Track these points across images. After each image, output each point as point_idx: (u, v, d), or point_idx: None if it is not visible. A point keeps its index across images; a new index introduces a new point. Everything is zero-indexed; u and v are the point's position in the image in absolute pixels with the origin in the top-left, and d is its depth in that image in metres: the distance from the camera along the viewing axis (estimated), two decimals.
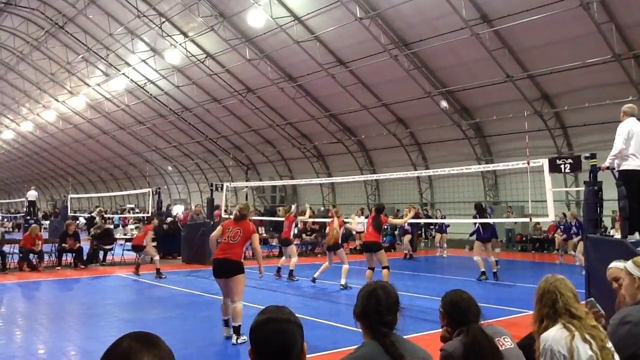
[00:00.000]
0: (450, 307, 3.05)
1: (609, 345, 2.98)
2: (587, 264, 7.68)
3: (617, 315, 3.48)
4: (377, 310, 2.55)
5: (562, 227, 17.92)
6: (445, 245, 20.95)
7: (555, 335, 2.97)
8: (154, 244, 15.73)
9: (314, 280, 12.73)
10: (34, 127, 47.61)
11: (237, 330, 7.23)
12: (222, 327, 7.54)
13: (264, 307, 2.07)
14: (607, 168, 7.83)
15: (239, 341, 7.14)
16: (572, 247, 16.23)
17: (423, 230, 24.69)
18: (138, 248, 14.94)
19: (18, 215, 41.28)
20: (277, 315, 2.00)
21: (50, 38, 33.55)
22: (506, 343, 2.95)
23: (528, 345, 3.50)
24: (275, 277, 13.83)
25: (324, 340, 6.92)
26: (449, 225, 21.31)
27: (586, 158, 8.59)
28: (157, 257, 14.50)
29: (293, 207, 16.03)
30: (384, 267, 11.04)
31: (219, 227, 7.87)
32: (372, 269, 11.22)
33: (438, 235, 21.45)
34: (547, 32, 18.11)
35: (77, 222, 20.81)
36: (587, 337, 2.93)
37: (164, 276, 13.76)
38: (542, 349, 2.99)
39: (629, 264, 3.69)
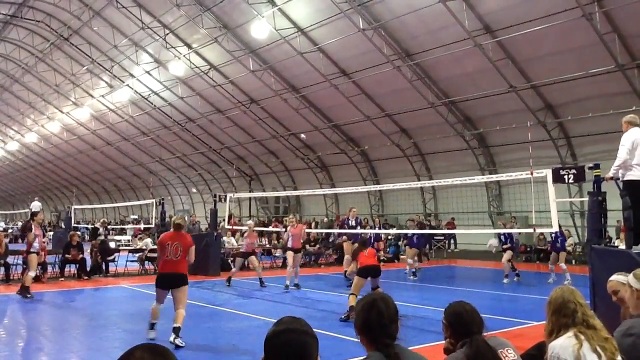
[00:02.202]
0: (453, 318, 3.03)
1: (619, 358, 2.97)
2: (592, 274, 7.64)
3: (621, 327, 3.47)
4: (379, 323, 2.51)
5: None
6: (415, 259, 17.70)
7: (563, 343, 2.97)
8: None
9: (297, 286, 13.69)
10: (39, 139, 47.82)
11: (176, 331, 7.71)
12: (148, 329, 7.95)
13: (279, 318, 2.06)
14: (611, 178, 7.80)
15: (177, 342, 7.56)
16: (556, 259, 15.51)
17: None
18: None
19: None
20: (295, 327, 1.99)
21: (55, 50, 33.77)
22: (509, 355, 2.93)
23: (533, 356, 3.48)
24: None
25: (329, 351, 6.90)
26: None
27: (590, 168, 8.57)
28: (31, 273, 12.45)
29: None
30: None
31: (158, 246, 8.44)
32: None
33: (409, 250, 17.99)
34: (550, 42, 18.15)
35: (79, 232, 20.79)
36: (598, 348, 2.92)
37: (29, 295, 11.87)
38: (550, 356, 2.99)
39: (630, 278, 3.69)
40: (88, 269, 16.08)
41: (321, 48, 23.12)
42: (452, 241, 26.38)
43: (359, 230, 14.75)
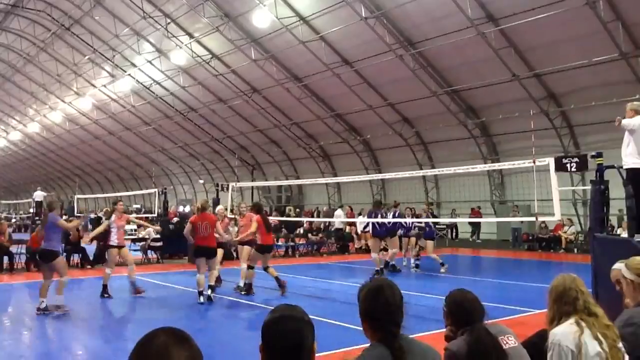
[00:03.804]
0: (454, 306, 3.04)
1: (620, 345, 2.98)
2: (594, 263, 7.65)
3: (622, 316, 3.48)
4: (387, 310, 2.45)
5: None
6: (413, 252, 16.33)
7: (564, 331, 2.98)
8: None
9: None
10: (41, 128, 47.87)
11: (211, 287, 10.25)
12: (197, 297, 9.94)
13: (275, 306, 2.10)
14: (620, 124, 7.67)
15: (211, 295, 10.05)
16: None
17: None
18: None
19: (25, 215, 41.42)
20: (290, 314, 2.04)
21: (56, 40, 33.71)
22: (510, 342, 2.94)
23: (535, 344, 3.49)
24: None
25: (331, 339, 6.94)
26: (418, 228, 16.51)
27: (592, 157, 8.53)
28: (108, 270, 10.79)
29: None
30: (267, 267, 11.24)
31: (190, 225, 10.30)
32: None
33: (405, 240, 16.32)
34: (553, 30, 18.06)
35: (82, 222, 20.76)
36: (599, 335, 2.94)
37: (106, 295, 10.53)
38: (551, 343, 3.00)
39: (623, 268, 3.68)
40: (91, 258, 16.13)
41: (323, 37, 23.03)
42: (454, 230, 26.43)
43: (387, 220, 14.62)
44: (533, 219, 14.74)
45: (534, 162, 10.26)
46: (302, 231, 22.10)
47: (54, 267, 9.19)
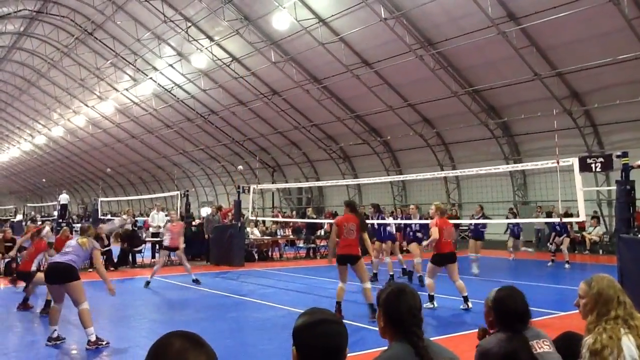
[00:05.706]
0: (497, 305, 3.02)
1: None
2: (620, 264, 7.53)
3: None
4: (410, 313, 2.50)
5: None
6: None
7: (626, 342, 2.87)
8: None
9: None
10: (65, 132, 48.65)
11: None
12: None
13: (306, 309, 2.08)
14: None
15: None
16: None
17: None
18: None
19: (50, 218, 42.04)
20: (328, 317, 2.02)
21: (79, 45, 34.23)
22: (544, 346, 2.91)
23: (559, 348, 3.44)
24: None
25: (352, 340, 6.92)
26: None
27: (618, 157, 8.42)
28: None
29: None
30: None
31: None
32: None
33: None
34: (576, 28, 17.83)
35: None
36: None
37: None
38: (592, 350, 2.89)
39: None
40: (115, 260, 16.34)
41: (342, 38, 23.03)
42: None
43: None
44: (557, 219, 14.55)
45: (557, 162, 10.15)
46: (322, 233, 22.09)
47: (67, 290, 7.18)
